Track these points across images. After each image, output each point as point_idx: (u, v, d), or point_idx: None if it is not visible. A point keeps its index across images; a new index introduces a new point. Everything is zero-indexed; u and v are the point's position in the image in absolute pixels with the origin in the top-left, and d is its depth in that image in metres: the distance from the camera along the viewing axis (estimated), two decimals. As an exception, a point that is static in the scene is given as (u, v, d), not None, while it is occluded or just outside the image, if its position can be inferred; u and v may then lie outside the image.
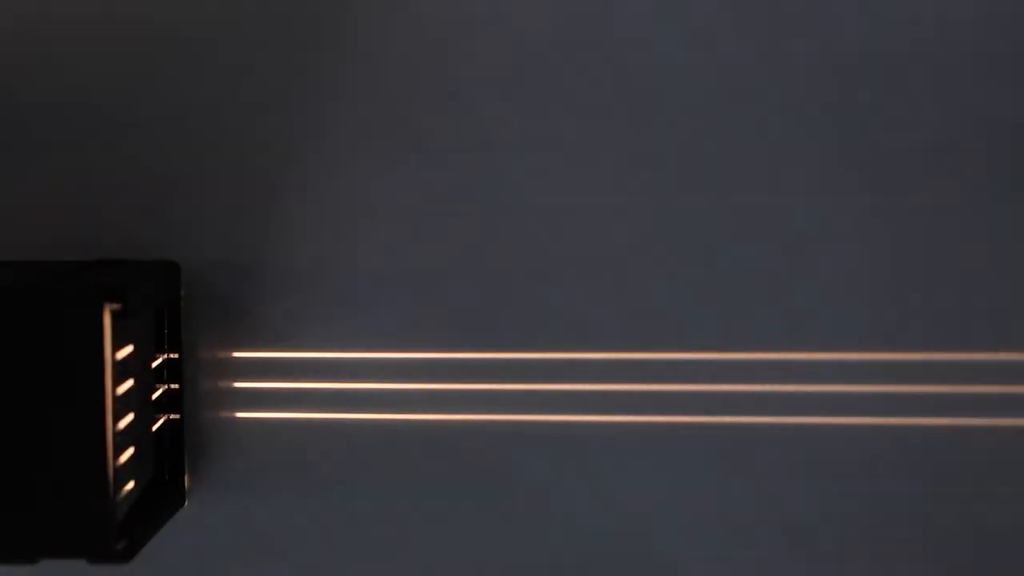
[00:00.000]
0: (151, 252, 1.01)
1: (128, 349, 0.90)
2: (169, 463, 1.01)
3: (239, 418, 1.02)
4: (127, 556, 0.87)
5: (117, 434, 0.86)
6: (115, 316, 0.85)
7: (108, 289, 0.86)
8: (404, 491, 1.01)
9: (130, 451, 0.90)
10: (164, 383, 1.00)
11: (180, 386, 1.01)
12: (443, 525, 1.01)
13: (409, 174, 1.00)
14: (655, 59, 0.99)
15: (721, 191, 0.99)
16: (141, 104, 1.01)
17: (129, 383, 0.90)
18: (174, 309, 1.01)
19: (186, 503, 1.01)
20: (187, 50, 1.00)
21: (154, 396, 0.98)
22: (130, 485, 0.91)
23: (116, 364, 0.86)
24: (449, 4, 0.99)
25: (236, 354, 1.01)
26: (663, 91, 0.99)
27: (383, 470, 1.01)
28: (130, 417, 0.90)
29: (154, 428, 0.99)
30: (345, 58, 1.00)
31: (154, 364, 0.98)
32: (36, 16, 1.00)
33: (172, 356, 1.00)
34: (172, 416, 1.01)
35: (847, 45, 0.98)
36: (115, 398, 0.86)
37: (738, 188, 0.99)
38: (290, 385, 1.02)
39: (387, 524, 1.02)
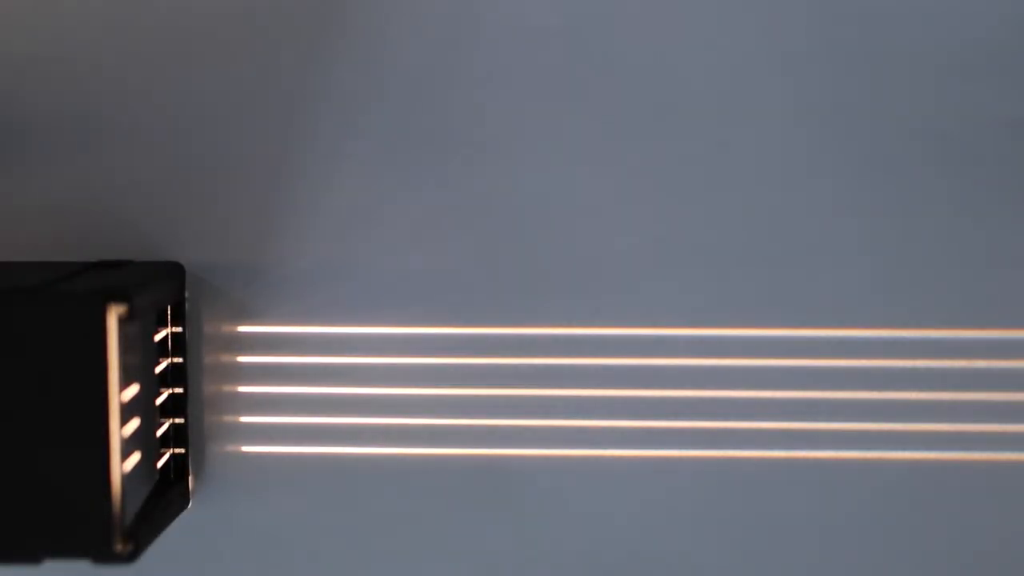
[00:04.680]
0: (154, 253, 1.01)
1: (132, 351, 0.90)
2: (173, 465, 1.01)
3: (243, 421, 1.02)
4: (131, 558, 0.87)
5: (122, 440, 0.86)
6: (120, 319, 0.85)
7: (113, 291, 0.85)
8: (408, 492, 1.02)
9: (136, 455, 0.90)
10: (168, 386, 1.00)
11: (184, 389, 1.01)
12: (447, 527, 1.02)
13: (413, 175, 1.00)
14: (661, 59, 0.99)
15: (724, 192, 0.99)
16: (143, 103, 1.00)
17: (135, 388, 0.90)
18: (178, 311, 1.00)
19: (190, 504, 1.02)
20: (189, 50, 1.00)
21: (159, 400, 0.98)
22: (134, 487, 0.91)
23: (121, 368, 0.86)
24: (451, 4, 0.99)
25: (240, 358, 1.02)
26: (668, 90, 0.99)
27: (387, 472, 1.02)
28: (136, 422, 0.90)
29: (159, 432, 0.99)
30: (348, 58, 1.00)
31: (158, 368, 0.98)
32: (36, 15, 1.00)
33: (176, 360, 1.00)
34: (176, 420, 1.01)
35: (853, 44, 0.98)
36: (121, 403, 0.86)
37: (742, 189, 0.99)
38: (295, 389, 1.02)
39: (391, 526, 1.02)
